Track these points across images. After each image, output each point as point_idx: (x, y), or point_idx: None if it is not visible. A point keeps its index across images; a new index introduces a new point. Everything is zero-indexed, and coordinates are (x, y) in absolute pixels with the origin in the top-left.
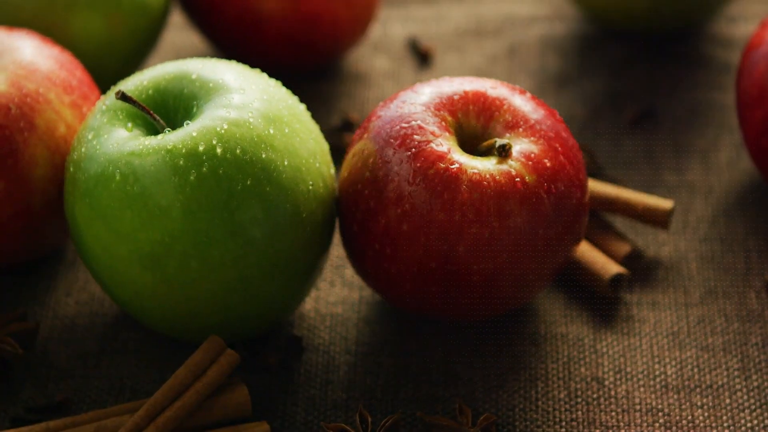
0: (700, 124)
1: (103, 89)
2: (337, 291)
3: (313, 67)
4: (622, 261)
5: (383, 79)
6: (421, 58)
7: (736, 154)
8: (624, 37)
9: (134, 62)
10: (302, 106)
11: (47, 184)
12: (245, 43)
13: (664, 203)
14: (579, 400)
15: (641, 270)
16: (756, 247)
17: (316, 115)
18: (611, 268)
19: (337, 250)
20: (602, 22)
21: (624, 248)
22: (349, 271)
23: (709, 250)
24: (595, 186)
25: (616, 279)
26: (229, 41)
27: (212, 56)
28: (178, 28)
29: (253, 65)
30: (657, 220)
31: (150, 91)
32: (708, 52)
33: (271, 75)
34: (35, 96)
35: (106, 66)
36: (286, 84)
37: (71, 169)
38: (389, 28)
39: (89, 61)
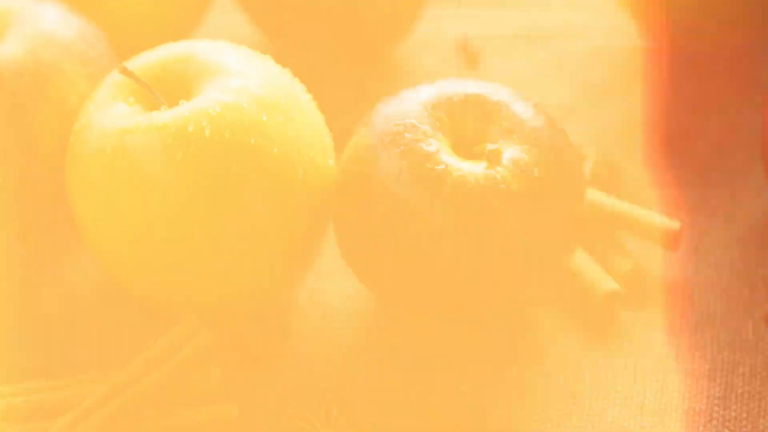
0: (736, 148)
1: None
2: (336, 283)
3: (354, 59)
4: (621, 278)
5: (425, 77)
6: (468, 60)
7: (765, 181)
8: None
9: (175, 41)
10: (307, 96)
11: (55, 153)
12: (285, 31)
13: (671, 224)
14: (551, 414)
15: (641, 289)
16: (764, 277)
17: (347, 108)
18: (607, 284)
19: None
20: None
21: (625, 265)
22: None
23: (715, 276)
24: (603, 200)
25: (611, 296)
26: (272, 27)
27: (259, 41)
28: (229, 10)
29: (294, 53)
30: (662, 240)
31: (156, 69)
32: (760, 74)
33: (310, 65)
34: (50, 65)
35: (146, 44)
36: (325, 74)
37: (72, 139)
38: (441, 28)
39: (129, 39)
